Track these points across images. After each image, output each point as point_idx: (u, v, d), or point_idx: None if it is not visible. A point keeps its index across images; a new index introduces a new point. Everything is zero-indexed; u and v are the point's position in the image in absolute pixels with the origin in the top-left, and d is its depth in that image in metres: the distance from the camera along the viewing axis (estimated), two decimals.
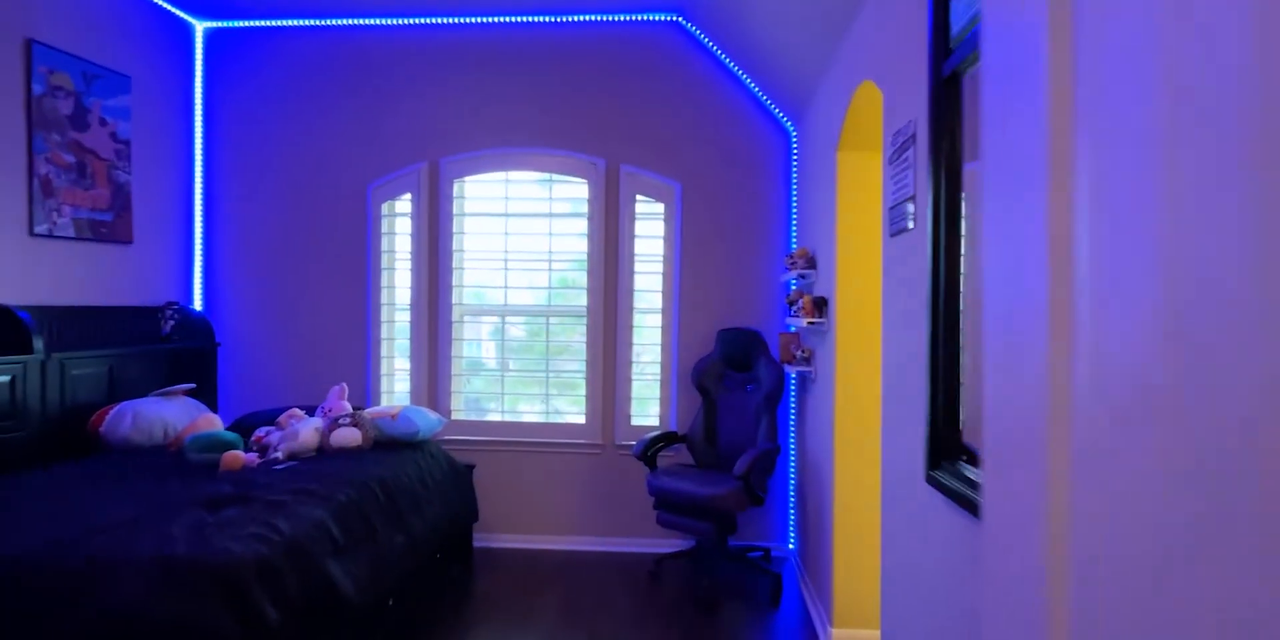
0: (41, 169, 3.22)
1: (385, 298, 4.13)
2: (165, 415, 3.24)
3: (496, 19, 3.99)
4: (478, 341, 4.25)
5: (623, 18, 3.95)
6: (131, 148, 3.71)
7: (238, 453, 2.89)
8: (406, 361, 4.12)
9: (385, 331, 4.13)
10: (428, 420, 3.42)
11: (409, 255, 4.10)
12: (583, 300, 4.04)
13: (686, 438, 3.80)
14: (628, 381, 4.02)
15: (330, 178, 4.11)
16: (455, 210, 4.07)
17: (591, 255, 4.01)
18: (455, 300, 4.08)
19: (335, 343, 4.10)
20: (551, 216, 4.07)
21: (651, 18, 3.95)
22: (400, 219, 4.17)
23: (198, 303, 4.15)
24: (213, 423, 3.25)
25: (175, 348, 3.73)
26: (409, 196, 4.09)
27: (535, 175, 4.11)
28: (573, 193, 4.08)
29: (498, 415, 4.14)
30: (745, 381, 3.75)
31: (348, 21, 4.06)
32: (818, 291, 3.19)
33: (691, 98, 3.97)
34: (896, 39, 1.96)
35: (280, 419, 3.30)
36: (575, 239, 4.05)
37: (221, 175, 4.17)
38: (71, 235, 3.37)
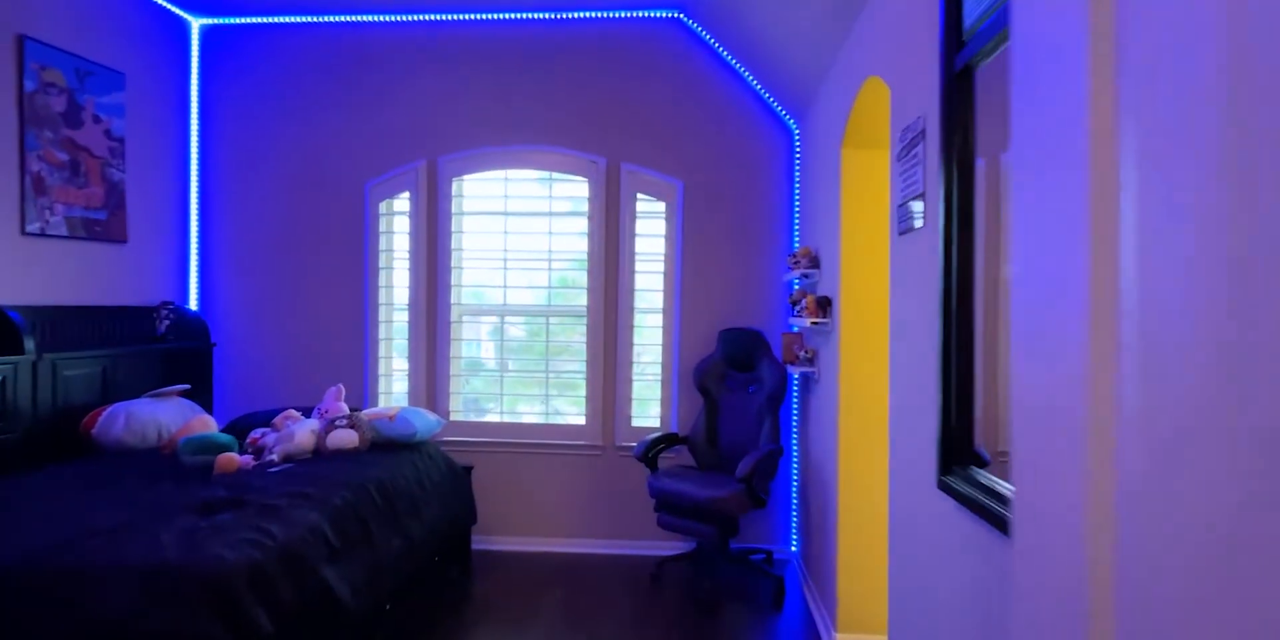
0: (33, 167, 3.17)
1: (383, 297, 4.08)
2: (159, 417, 3.19)
3: (496, 16, 3.94)
4: (477, 341, 4.20)
5: (623, 14, 3.91)
6: (126, 145, 3.66)
7: (232, 455, 2.85)
8: (404, 362, 4.07)
9: (383, 332, 4.08)
10: (426, 421, 3.37)
11: (407, 254, 4.06)
12: (583, 300, 3.99)
13: (688, 439, 3.76)
14: (628, 382, 3.97)
15: (327, 176, 4.06)
16: (454, 209, 4.03)
17: (592, 254, 3.96)
18: (454, 300, 4.04)
19: (332, 343, 4.05)
20: (551, 215, 4.03)
21: (652, 14, 3.90)
22: (398, 218, 4.12)
23: (193, 302, 4.10)
24: (207, 424, 3.20)
25: (170, 348, 3.68)
26: (407, 195, 4.04)
27: (535, 174, 4.06)
28: (573, 191, 4.04)
29: (497, 416, 4.10)
30: (747, 382, 3.70)
31: (345, 18, 4.01)
32: (821, 291, 3.15)
33: (693, 95, 3.92)
34: (905, 33, 1.91)
35: (276, 420, 3.25)
36: (575, 238, 4.01)
37: (217, 173, 4.12)
38: (64, 234, 3.32)
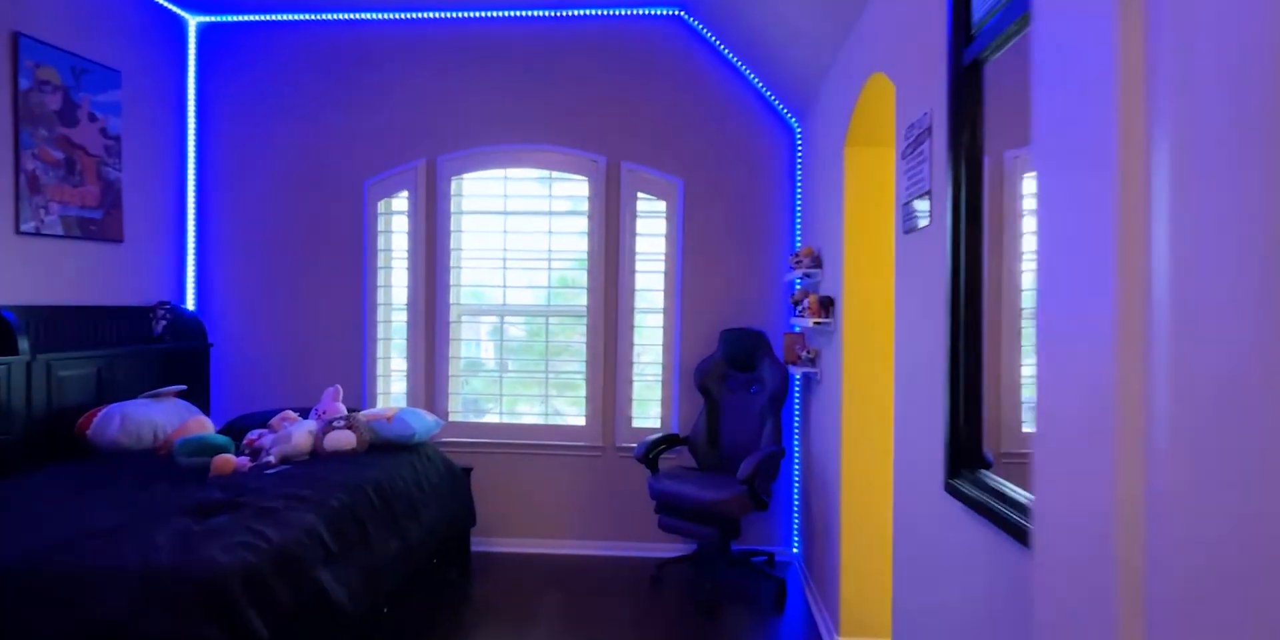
0: (28, 165, 3.14)
1: (381, 297, 4.05)
2: (154, 417, 3.16)
3: (495, 13, 3.91)
4: (476, 342, 4.17)
5: (624, 12, 3.88)
6: (122, 144, 3.63)
7: (228, 456, 2.81)
8: (403, 362, 4.04)
9: (381, 332, 4.05)
10: (424, 422, 3.35)
11: (406, 254, 4.02)
12: (583, 300, 3.96)
13: (688, 440, 3.73)
14: (628, 382, 3.94)
15: (326, 175, 4.03)
16: (453, 208, 3.99)
17: (592, 254, 3.93)
18: (453, 300, 4.01)
19: (330, 343, 4.02)
20: (551, 214, 4.00)
21: (653, 12, 3.87)
22: (397, 217, 4.09)
23: (190, 302, 4.07)
24: (203, 425, 3.17)
25: (167, 348, 3.65)
26: (406, 194, 4.01)
27: (535, 172, 4.03)
28: (573, 190, 4.00)
29: (496, 417, 4.06)
30: (748, 382, 3.68)
31: (343, 16, 3.98)
32: (824, 291, 3.12)
33: (694, 93, 3.89)
34: (911, 29, 1.89)
35: (273, 421, 3.23)
36: (575, 237, 3.97)
37: (215, 172, 4.09)
38: (60, 233, 3.29)
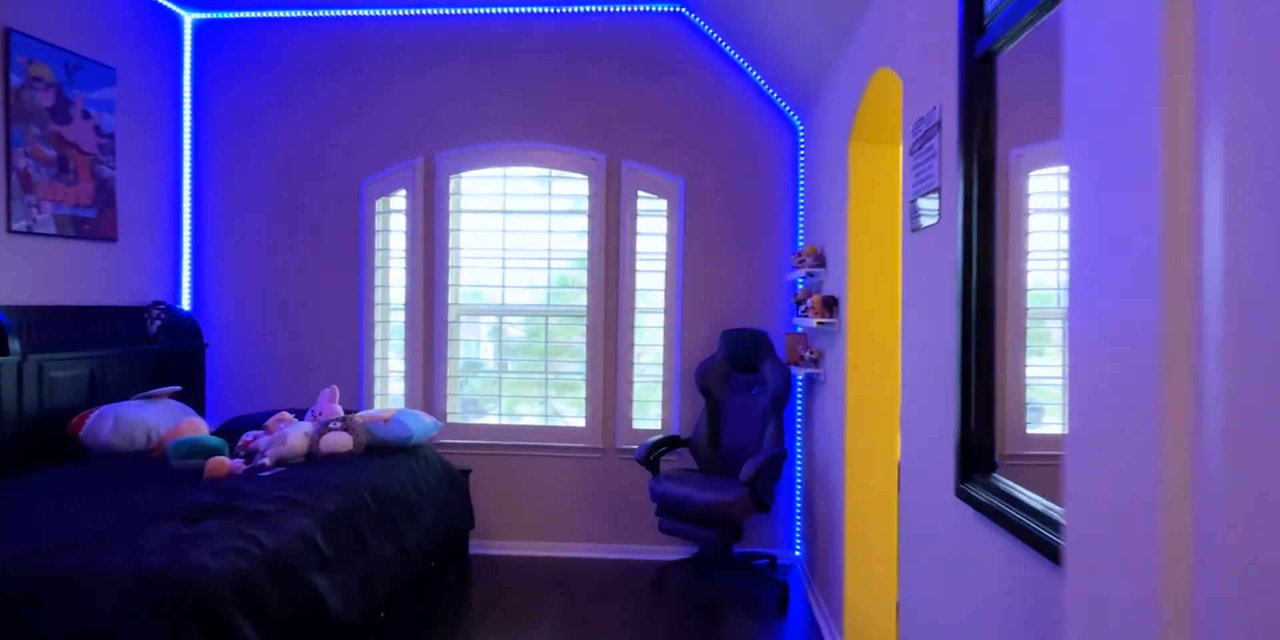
0: (20, 163, 3.09)
1: (379, 297, 4.01)
2: (148, 419, 3.11)
3: (494, 10, 3.87)
4: (475, 342, 4.12)
5: (624, 8, 3.83)
6: (116, 142, 3.58)
7: (223, 459, 2.77)
8: (401, 363, 4.00)
9: (379, 332, 4.01)
10: (422, 424, 3.30)
11: (404, 253, 3.98)
12: (583, 299, 3.92)
13: (690, 442, 3.68)
14: (629, 383, 3.90)
15: (323, 173, 3.98)
16: (451, 207, 3.95)
17: (592, 253, 3.89)
18: (451, 299, 3.96)
19: (327, 344, 3.98)
20: (551, 213, 3.95)
21: (653, 8, 3.83)
22: (395, 216, 4.05)
23: (185, 302, 4.02)
24: (197, 427, 3.13)
25: (161, 349, 3.61)
26: (403, 193, 3.97)
27: (534, 171, 3.98)
28: (573, 189, 3.96)
29: (495, 418, 4.02)
30: (750, 383, 3.63)
31: (341, 13, 3.94)
32: (828, 290, 3.08)
33: (695, 91, 3.85)
34: (919, 22, 1.84)
35: (269, 423, 3.18)
36: (575, 237, 3.93)
37: (210, 171, 4.04)
38: (52, 232, 3.24)
